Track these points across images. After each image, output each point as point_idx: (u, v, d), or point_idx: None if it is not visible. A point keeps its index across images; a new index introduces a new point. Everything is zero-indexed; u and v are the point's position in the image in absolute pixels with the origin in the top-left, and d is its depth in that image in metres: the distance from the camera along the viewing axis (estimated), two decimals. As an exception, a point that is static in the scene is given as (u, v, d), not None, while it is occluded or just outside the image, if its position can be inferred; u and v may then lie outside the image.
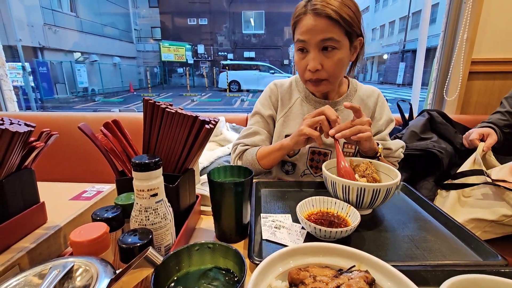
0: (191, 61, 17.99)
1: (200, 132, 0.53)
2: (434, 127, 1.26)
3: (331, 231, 0.49)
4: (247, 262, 0.37)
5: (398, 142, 0.92)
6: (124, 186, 0.53)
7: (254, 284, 0.33)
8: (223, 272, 0.38)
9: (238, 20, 19.79)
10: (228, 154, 1.34)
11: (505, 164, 1.00)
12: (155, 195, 0.42)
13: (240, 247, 0.54)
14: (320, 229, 0.50)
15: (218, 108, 9.49)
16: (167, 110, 0.53)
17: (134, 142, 0.58)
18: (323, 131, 0.70)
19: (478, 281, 0.33)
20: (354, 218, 0.55)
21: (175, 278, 0.37)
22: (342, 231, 0.49)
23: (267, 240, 0.54)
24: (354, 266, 0.38)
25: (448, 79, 1.64)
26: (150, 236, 0.39)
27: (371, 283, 0.35)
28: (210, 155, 1.31)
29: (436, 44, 1.71)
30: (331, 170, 0.69)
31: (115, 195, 0.58)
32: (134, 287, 0.31)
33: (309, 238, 0.54)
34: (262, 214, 0.62)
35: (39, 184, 0.55)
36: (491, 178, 0.94)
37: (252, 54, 20.11)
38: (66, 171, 1.39)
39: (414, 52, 2.23)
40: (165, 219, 0.44)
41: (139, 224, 0.43)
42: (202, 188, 0.72)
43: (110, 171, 0.55)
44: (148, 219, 0.43)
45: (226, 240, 0.55)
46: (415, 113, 1.46)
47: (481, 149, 1.05)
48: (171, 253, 0.37)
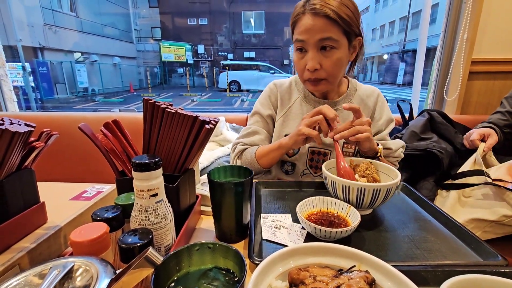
0: (191, 61, 17.99)
1: (200, 132, 0.53)
2: (434, 127, 1.26)
3: (331, 231, 0.49)
4: (247, 262, 0.37)
5: (398, 142, 0.92)
6: (124, 186, 0.54)
7: (254, 284, 0.33)
8: (223, 272, 0.38)
9: (238, 20, 19.79)
10: (228, 154, 1.34)
11: (502, 163, 1.00)
12: (155, 195, 0.42)
13: (240, 247, 0.54)
14: (320, 229, 0.50)
15: (218, 108, 9.49)
16: (167, 110, 0.53)
17: (134, 142, 0.58)
18: (321, 131, 0.71)
19: (478, 281, 0.33)
20: (354, 218, 0.55)
21: (175, 278, 0.37)
22: (342, 231, 0.49)
23: (267, 240, 0.54)
24: (354, 266, 0.38)
25: (448, 79, 1.64)
26: (150, 236, 0.39)
27: (371, 283, 0.35)
28: (210, 155, 1.31)
29: (436, 44, 1.71)
30: (331, 170, 0.69)
31: (115, 195, 0.58)
32: (134, 287, 0.31)
33: (309, 238, 0.54)
34: (262, 214, 0.62)
35: (39, 184, 0.55)
36: (492, 178, 0.94)
37: (252, 54, 20.11)
38: (66, 171, 1.39)
39: (414, 52, 2.23)
40: (165, 219, 0.44)
41: (139, 224, 0.43)
42: (202, 188, 0.72)
43: (110, 171, 0.55)
44: (148, 219, 0.43)
45: (226, 240, 0.55)
46: (415, 113, 1.46)
47: (481, 149, 1.04)
48: (171, 253, 0.37)
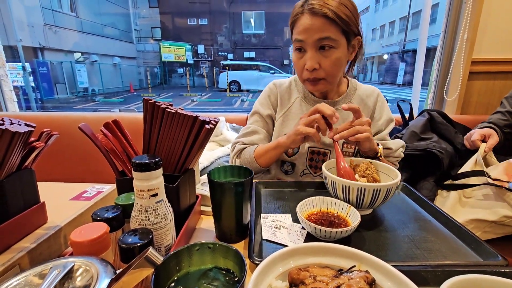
0: (191, 61, 17.99)
1: (200, 132, 0.53)
2: (434, 127, 1.26)
3: (331, 231, 0.49)
4: (247, 262, 0.37)
5: (398, 142, 0.92)
6: (124, 186, 0.54)
7: (254, 284, 0.33)
8: (223, 272, 0.38)
9: (238, 20, 19.79)
10: (228, 154, 1.34)
11: (499, 163, 1.00)
12: (155, 195, 0.42)
13: (240, 247, 0.54)
14: (320, 229, 0.50)
15: (218, 108, 9.49)
16: (167, 110, 0.53)
17: (134, 142, 0.58)
18: (320, 129, 0.71)
19: (478, 281, 0.33)
20: (354, 218, 0.55)
21: (175, 278, 0.37)
22: (342, 231, 0.49)
23: (267, 240, 0.54)
24: (354, 266, 0.38)
25: (448, 79, 1.64)
26: (150, 236, 0.39)
27: (371, 283, 0.35)
28: (210, 155, 1.31)
29: (436, 44, 1.71)
30: (331, 170, 0.69)
31: (115, 195, 0.58)
32: (135, 287, 0.31)
33: (309, 238, 0.54)
34: (262, 214, 0.62)
35: (39, 184, 0.55)
36: (492, 179, 0.94)
37: (252, 54, 20.11)
38: (66, 171, 1.39)
39: (414, 52, 2.23)
40: (165, 219, 0.44)
41: (139, 224, 0.43)
42: (202, 188, 0.72)
43: (110, 171, 0.55)
44: (148, 219, 0.43)
45: (226, 240, 0.55)
46: (415, 113, 1.46)
47: (482, 150, 1.04)
48: (171, 253, 0.37)
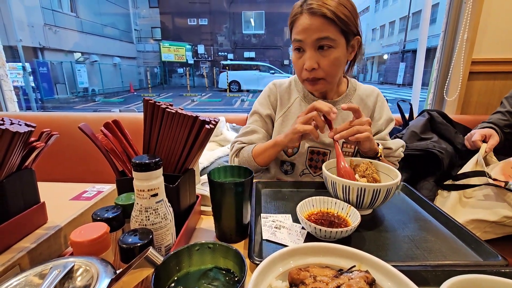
0: (191, 61, 17.99)
1: (200, 132, 0.53)
2: (434, 127, 1.26)
3: (331, 231, 0.49)
4: (247, 262, 0.37)
5: (398, 141, 0.92)
6: (125, 186, 0.54)
7: (254, 284, 0.33)
8: (224, 272, 0.38)
9: (238, 20, 19.79)
10: (228, 154, 1.34)
11: (496, 163, 1.00)
12: (156, 195, 0.42)
13: (240, 247, 0.54)
14: (320, 229, 0.50)
15: (218, 108, 9.49)
16: (167, 110, 0.53)
17: (134, 142, 0.58)
18: (318, 127, 0.71)
19: (478, 281, 0.33)
20: (354, 218, 0.55)
21: (176, 278, 0.37)
22: (342, 231, 0.49)
23: (267, 240, 0.54)
24: (355, 266, 0.38)
25: (448, 79, 1.64)
26: (151, 236, 0.39)
27: (371, 283, 0.35)
28: (210, 155, 1.31)
29: (436, 44, 1.71)
30: (331, 170, 0.69)
31: (115, 195, 0.58)
32: (135, 287, 0.31)
33: (309, 238, 0.54)
34: (262, 214, 0.62)
35: (40, 184, 0.55)
36: (493, 179, 0.94)
37: (252, 54, 20.10)
38: (67, 171, 1.39)
39: (414, 52, 2.23)
40: (165, 219, 0.44)
41: (139, 224, 0.43)
42: (202, 188, 0.72)
43: (110, 171, 0.55)
44: (148, 219, 0.43)
45: (226, 240, 0.55)
46: (415, 113, 1.46)
47: (483, 150, 1.04)
48: (172, 253, 0.37)
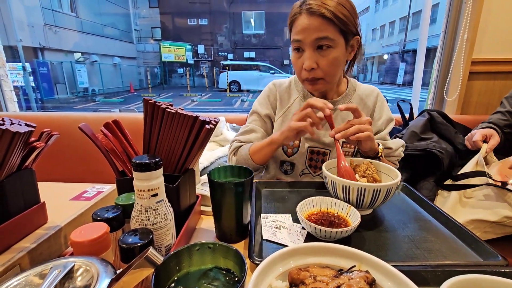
0: (191, 61, 17.99)
1: (200, 132, 0.53)
2: (434, 127, 1.26)
3: (331, 231, 0.49)
4: (247, 262, 0.37)
5: (398, 141, 0.92)
6: (125, 186, 0.54)
7: (254, 284, 0.33)
8: (224, 272, 0.38)
9: (238, 21, 19.78)
10: (228, 154, 1.34)
11: (494, 163, 0.99)
12: (156, 195, 0.42)
13: (240, 247, 0.54)
14: (320, 229, 0.50)
15: (218, 108, 9.49)
16: (168, 110, 0.53)
17: (134, 142, 0.58)
18: (314, 124, 0.71)
19: (479, 281, 0.33)
20: (354, 218, 0.55)
21: (176, 278, 0.37)
22: (342, 231, 0.49)
23: (267, 240, 0.54)
24: (355, 266, 0.38)
25: (448, 79, 1.64)
26: (151, 236, 0.39)
27: (371, 283, 0.35)
28: (211, 155, 1.31)
29: (436, 44, 1.71)
30: (331, 170, 0.69)
31: (115, 195, 0.58)
32: (135, 287, 0.31)
33: (309, 238, 0.54)
34: (262, 214, 0.62)
35: (40, 184, 0.55)
36: (493, 179, 0.94)
37: (252, 54, 20.10)
38: (67, 171, 1.39)
39: (414, 52, 2.23)
40: (165, 219, 0.45)
41: (139, 224, 0.43)
42: (203, 188, 0.72)
43: (110, 171, 0.55)
44: (148, 219, 0.43)
45: (226, 240, 0.55)
46: (415, 113, 1.46)
47: (484, 150, 1.04)
48: (172, 253, 0.37)
